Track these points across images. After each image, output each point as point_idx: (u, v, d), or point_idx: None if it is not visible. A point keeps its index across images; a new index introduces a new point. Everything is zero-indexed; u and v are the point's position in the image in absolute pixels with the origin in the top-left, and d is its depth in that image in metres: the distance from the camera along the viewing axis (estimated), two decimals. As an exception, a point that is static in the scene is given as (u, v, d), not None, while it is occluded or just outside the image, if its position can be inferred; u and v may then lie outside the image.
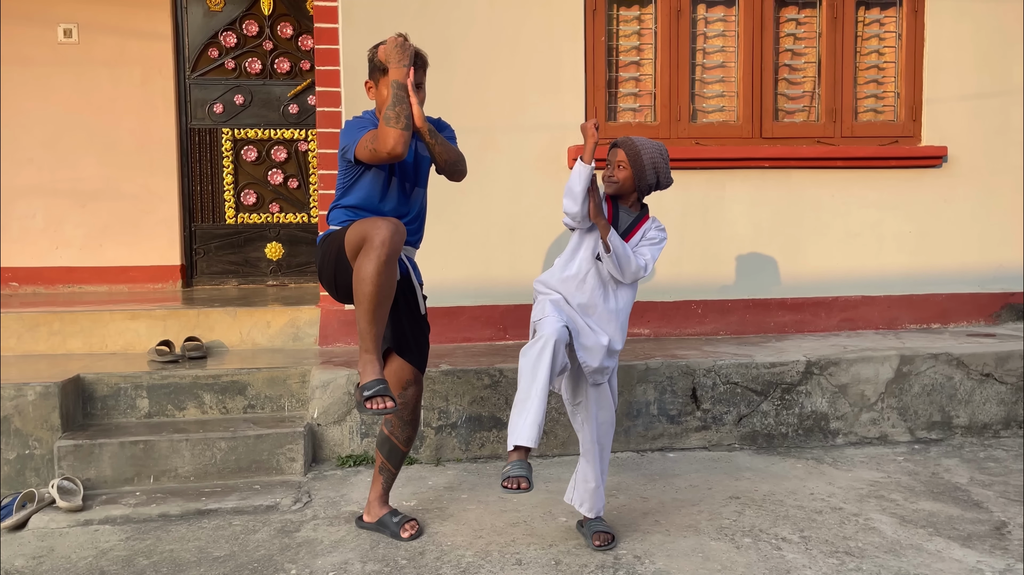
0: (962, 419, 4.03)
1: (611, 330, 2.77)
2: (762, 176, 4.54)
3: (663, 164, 2.78)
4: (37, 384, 3.45)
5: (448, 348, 4.23)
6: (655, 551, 2.76)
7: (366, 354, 2.63)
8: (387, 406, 2.53)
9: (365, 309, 2.58)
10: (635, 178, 2.76)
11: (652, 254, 2.80)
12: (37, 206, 5.55)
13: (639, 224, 2.83)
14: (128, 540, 2.94)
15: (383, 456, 2.96)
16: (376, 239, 2.54)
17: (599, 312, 2.77)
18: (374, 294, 2.56)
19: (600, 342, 2.73)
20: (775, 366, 3.91)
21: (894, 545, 2.79)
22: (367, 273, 2.54)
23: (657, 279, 4.49)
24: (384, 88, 2.74)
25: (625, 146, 2.77)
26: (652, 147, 2.77)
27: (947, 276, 4.71)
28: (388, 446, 2.94)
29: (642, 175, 2.76)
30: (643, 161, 2.75)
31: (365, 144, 2.65)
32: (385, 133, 2.59)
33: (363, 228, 2.59)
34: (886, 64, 4.68)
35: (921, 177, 4.66)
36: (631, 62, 4.51)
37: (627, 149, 2.76)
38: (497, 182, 4.29)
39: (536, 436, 2.50)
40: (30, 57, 5.48)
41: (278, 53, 5.78)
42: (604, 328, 2.76)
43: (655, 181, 2.79)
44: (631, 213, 2.84)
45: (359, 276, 2.56)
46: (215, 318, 4.34)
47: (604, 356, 2.74)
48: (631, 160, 2.75)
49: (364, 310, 2.59)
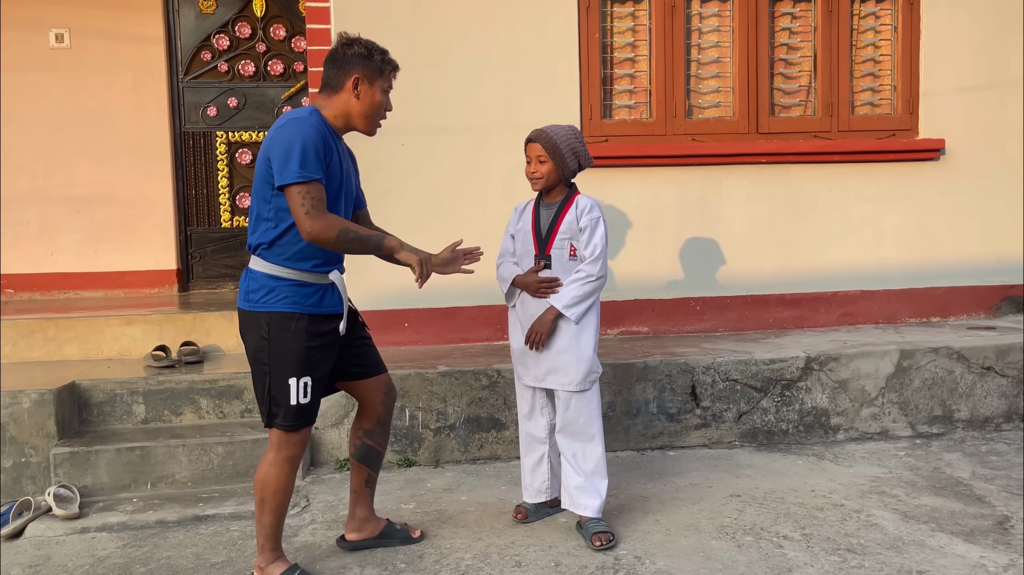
0: (963, 413, 4.01)
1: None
2: (759, 172, 4.52)
3: (580, 146, 2.85)
4: (32, 391, 3.43)
5: (446, 349, 4.20)
6: (656, 551, 2.74)
7: (273, 551, 2.54)
8: None
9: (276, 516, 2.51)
10: (558, 168, 2.82)
11: (595, 249, 2.79)
12: (31, 212, 5.53)
13: (564, 211, 2.85)
14: (125, 547, 2.91)
15: (369, 468, 2.80)
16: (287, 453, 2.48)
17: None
18: (285, 501, 2.52)
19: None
20: (775, 362, 3.89)
21: (896, 541, 2.77)
22: (280, 483, 2.48)
23: (655, 276, 4.46)
24: (377, 94, 2.51)
25: (540, 139, 2.81)
26: (566, 132, 2.82)
27: (946, 269, 4.68)
28: (374, 456, 2.80)
29: (563, 163, 2.82)
30: (561, 149, 2.80)
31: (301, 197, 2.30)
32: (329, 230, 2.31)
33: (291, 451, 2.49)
34: (882, 57, 4.66)
35: (919, 170, 4.64)
36: (626, 59, 4.49)
37: (543, 142, 2.80)
38: (492, 182, 4.26)
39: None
40: (22, 63, 5.45)
41: (271, 55, 5.76)
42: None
43: (577, 165, 2.86)
44: (552, 206, 2.88)
45: (271, 486, 2.48)
46: (211, 322, 4.31)
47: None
48: (549, 152, 2.80)
49: (275, 517, 2.51)
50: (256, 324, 2.44)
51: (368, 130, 2.58)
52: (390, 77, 2.56)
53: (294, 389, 2.43)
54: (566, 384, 2.82)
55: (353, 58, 2.48)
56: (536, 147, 2.82)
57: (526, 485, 3.04)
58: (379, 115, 2.57)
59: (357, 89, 2.49)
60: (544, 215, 2.88)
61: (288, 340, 2.42)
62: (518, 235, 2.94)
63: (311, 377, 2.46)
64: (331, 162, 2.43)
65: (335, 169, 2.46)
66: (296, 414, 2.46)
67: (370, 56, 2.49)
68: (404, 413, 3.67)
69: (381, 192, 3.96)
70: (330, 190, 2.44)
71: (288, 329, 2.42)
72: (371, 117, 2.54)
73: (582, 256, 2.82)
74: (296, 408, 2.45)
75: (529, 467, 3.03)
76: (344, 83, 2.49)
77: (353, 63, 2.48)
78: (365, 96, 2.50)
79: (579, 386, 2.82)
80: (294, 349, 2.42)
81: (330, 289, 2.51)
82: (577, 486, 2.85)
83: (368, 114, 2.53)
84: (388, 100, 2.58)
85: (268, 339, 2.42)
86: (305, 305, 2.44)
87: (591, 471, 2.86)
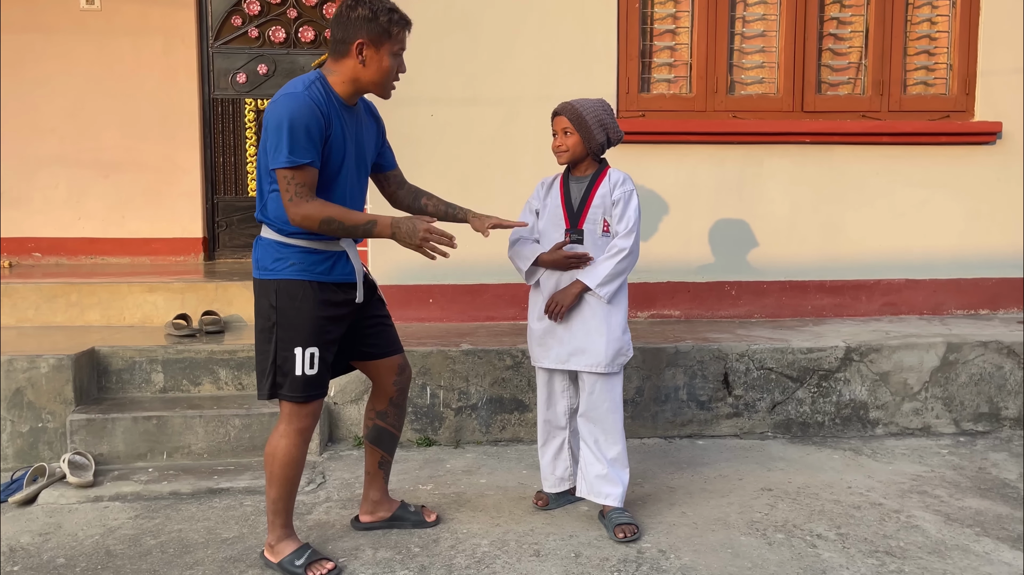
0: (1011, 411, 3.81)
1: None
2: (803, 152, 4.32)
3: (610, 120, 2.73)
4: (51, 356, 3.39)
5: (470, 327, 4.09)
6: (681, 545, 2.61)
7: (283, 528, 2.48)
8: (329, 569, 2.41)
9: (285, 490, 2.45)
10: (584, 141, 2.71)
11: (628, 222, 2.67)
12: (60, 176, 5.50)
13: (596, 184, 2.72)
14: (137, 518, 2.86)
15: (383, 450, 2.71)
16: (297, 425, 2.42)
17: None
18: (295, 475, 2.45)
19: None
20: (812, 351, 3.72)
21: (938, 545, 2.61)
22: (290, 457, 2.41)
23: (688, 258, 4.30)
24: (386, 58, 2.34)
25: (566, 111, 2.72)
26: (594, 105, 2.71)
27: (998, 259, 4.45)
28: (388, 438, 2.71)
29: (590, 136, 2.69)
30: (588, 122, 2.69)
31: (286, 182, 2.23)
32: (310, 219, 2.24)
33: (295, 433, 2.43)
34: (938, 34, 4.41)
35: (973, 154, 4.40)
36: (666, 30, 4.30)
37: (568, 114, 2.71)
38: (524, 155, 4.12)
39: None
40: (52, 24, 5.40)
41: (302, 21, 5.64)
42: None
43: (605, 139, 2.73)
44: (582, 180, 2.75)
45: (280, 459, 2.41)
46: (234, 292, 4.25)
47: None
48: (575, 123, 2.69)
49: (284, 491, 2.44)
50: (265, 291, 2.39)
51: (380, 94, 2.45)
52: (400, 37, 2.37)
53: (299, 359, 2.35)
54: (593, 366, 2.69)
55: (357, 21, 2.31)
56: (562, 120, 2.71)
57: (546, 475, 2.91)
58: (390, 79, 2.41)
59: (362, 55, 2.33)
60: (575, 189, 2.74)
61: (295, 308, 2.35)
62: (544, 211, 2.79)
63: (318, 348, 2.38)
64: (331, 136, 2.31)
65: (336, 142, 2.34)
66: (303, 385, 2.38)
67: (375, 18, 2.30)
68: (425, 391, 3.57)
69: (408, 164, 3.81)
70: (330, 166, 2.34)
71: (296, 297, 2.35)
72: (381, 83, 2.39)
73: (615, 231, 2.68)
74: (303, 379, 2.37)
75: (549, 456, 2.89)
76: (349, 48, 2.33)
77: (358, 27, 2.31)
78: (371, 62, 2.34)
79: (607, 368, 2.68)
80: (301, 318, 2.35)
81: (343, 257, 2.43)
82: (599, 474, 2.73)
83: (377, 80, 2.38)
84: (400, 62, 2.41)
85: (276, 307, 2.36)
86: (315, 272, 2.37)
87: (613, 458, 2.74)
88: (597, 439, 2.74)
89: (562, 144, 2.72)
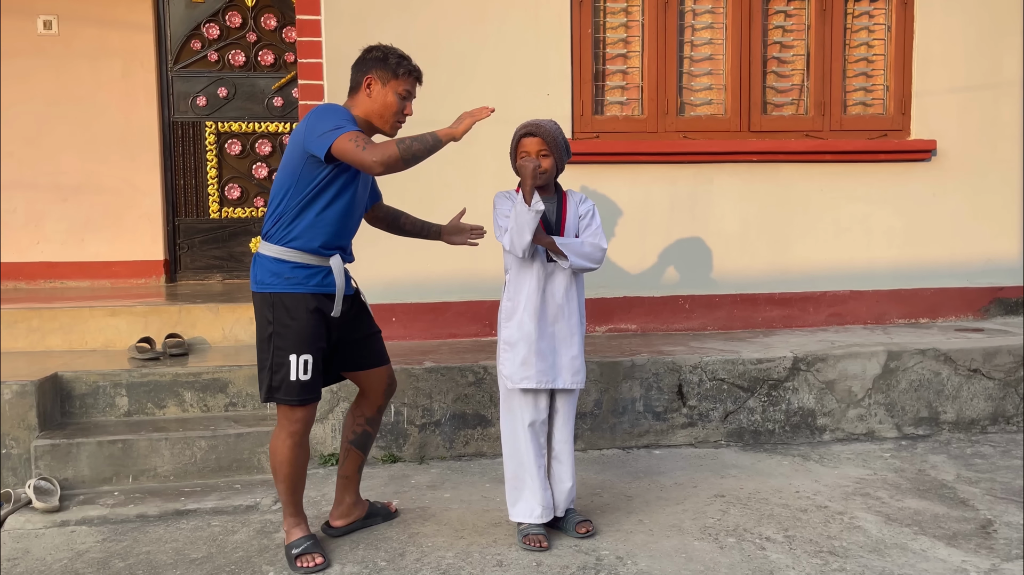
0: (949, 415, 4.01)
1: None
2: (750, 170, 4.50)
3: (565, 138, 2.79)
4: (14, 383, 3.40)
5: (433, 344, 4.18)
6: (638, 551, 2.73)
7: (292, 518, 2.72)
8: (317, 563, 2.62)
9: (287, 486, 2.68)
10: (556, 163, 2.77)
11: (597, 230, 2.79)
12: (18, 200, 5.47)
13: (564, 205, 2.81)
14: (105, 542, 2.89)
15: (363, 453, 2.93)
16: (289, 428, 2.63)
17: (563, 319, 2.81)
18: (294, 473, 2.66)
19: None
20: (762, 362, 3.88)
21: (879, 544, 2.77)
22: (285, 456, 2.64)
23: (644, 274, 4.45)
24: (390, 95, 2.61)
25: (541, 133, 2.71)
26: (557, 126, 2.77)
27: (936, 270, 4.68)
28: (369, 442, 2.95)
29: (561, 157, 2.78)
30: (559, 141, 2.75)
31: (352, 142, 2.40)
32: (387, 149, 2.40)
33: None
34: (875, 57, 4.64)
35: (910, 171, 4.63)
36: (618, 55, 4.46)
37: (543, 135, 2.71)
38: (482, 176, 4.22)
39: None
40: (9, 49, 5.38)
41: (262, 45, 5.71)
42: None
43: (567, 157, 2.81)
44: (552, 200, 2.82)
45: (278, 458, 2.65)
46: (197, 314, 4.28)
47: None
48: (550, 145, 2.72)
49: (286, 486, 2.68)
50: (263, 304, 2.60)
51: (384, 128, 2.68)
52: (406, 81, 2.65)
53: (294, 365, 2.57)
54: (580, 381, 2.82)
55: (370, 61, 2.64)
56: (536, 141, 2.70)
57: (541, 503, 2.77)
58: (393, 116, 2.65)
59: (370, 88, 2.62)
60: (547, 208, 2.77)
61: (291, 319, 2.57)
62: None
63: (311, 355, 2.60)
64: (350, 168, 2.59)
65: (352, 172, 2.62)
66: (298, 389, 2.60)
67: (385, 59, 2.62)
68: (390, 408, 3.65)
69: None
70: (350, 177, 2.61)
71: (290, 308, 2.58)
72: (384, 116, 2.64)
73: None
74: (297, 384, 2.59)
75: (540, 481, 2.78)
76: (360, 83, 2.64)
77: (370, 65, 2.63)
78: (377, 96, 2.62)
79: (582, 382, 2.85)
80: (296, 327, 2.58)
81: (331, 271, 2.65)
82: (572, 486, 2.88)
83: (381, 113, 2.63)
84: (406, 104, 2.67)
85: (272, 319, 2.59)
86: (308, 285, 2.59)
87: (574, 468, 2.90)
88: (570, 453, 2.87)
89: (541, 166, 2.70)
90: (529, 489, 2.78)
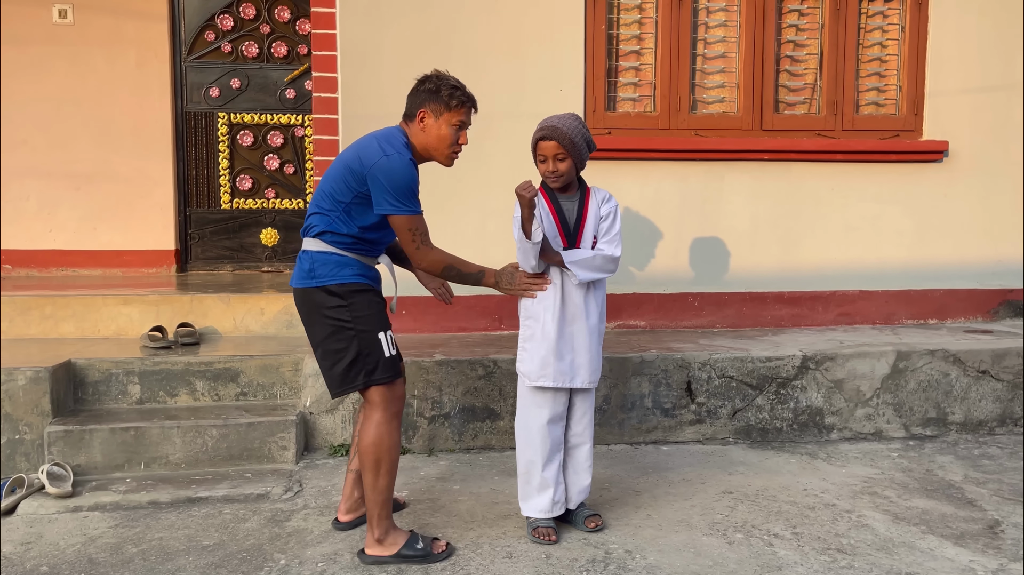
0: (957, 416, 4.01)
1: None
2: (762, 168, 4.51)
3: (587, 132, 2.75)
4: (28, 369, 3.43)
5: (442, 338, 4.20)
6: (646, 546, 2.75)
7: (388, 520, 2.66)
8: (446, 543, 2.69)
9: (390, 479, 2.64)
10: (575, 163, 2.74)
11: (615, 236, 2.79)
12: (31, 188, 5.51)
13: (585, 205, 2.80)
14: (117, 527, 2.92)
15: None
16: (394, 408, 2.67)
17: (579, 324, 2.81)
18: (398, 460, 2.66)
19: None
20: (771, 360, 3.89)
21: (886, 543, 2.78)
22: (395, 440, 2.63)
23: (653, 271, 4.46)
24: (444, 127, 2.60)
25: (556, 136, 2.67)
26: (575, 123, 2.70)
27: (945, 271, 4.68)
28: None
29: (580, 156, 2.74)
30: (577, 144, 2.70)
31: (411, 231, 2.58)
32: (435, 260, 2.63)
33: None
34: (888, 57, 4.64)
35: (922, 171, 4.63)
36: (631, 51, 4.47)
37: (560, 139, 2.66)
38: (494, 171, 4.24)
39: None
40: (25, 37, 5.41)
41: (275, 37, 5.72)
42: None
43: (588, 153, 2.77)
44: (573, 199, 2.80)
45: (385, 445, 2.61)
46: (208, 304, 4.31)
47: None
48: (568, 148, 2.68)
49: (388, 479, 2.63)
50: (327, 296, 2.60)
51: (440, 160, 2.70)
52: (459, 112, 2.62)
53: (384, 342, 2.63)
54: (596, 380, 2.85)
55: (423, 93, 2.62)
56: (552, 145, 2.66)
57: (553, 498, 2.80)
58: (448, 147, 2.65)
59: (423, 123, 2.62)
60: (567, 208, 2.78)
61: (366, 302, 2.64)
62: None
63: (390, 330, 2.69)
64: None
65: None
66: (391, 365, 2.64)
67: (437, 91, 2.59)
68: (399, 401, 3.67)
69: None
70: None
71: (363, 292, 2.64)
72: (439, 149, 2.65)
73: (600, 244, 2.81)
74: (391, 359, 2.64)
75: (553, 476, 2.80)
76: (415, 115, 2.64)
77: (423, 99, 2.61)
78: (431, 129, 2.62)
79: (597, 381, 2.88)
80: (373, 308, 2.64)
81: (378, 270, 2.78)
82: (588, 483, 2.90)
83: (436, 146, 2.64)
84: (460, 134, 2.65)
85: (347, 304, 2.60)
86: (369, 277, 2.69)
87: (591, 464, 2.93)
88: (589, 451, 2.90)
89: (556, 170, 2.69)
90: (541, 484, 2.79)
